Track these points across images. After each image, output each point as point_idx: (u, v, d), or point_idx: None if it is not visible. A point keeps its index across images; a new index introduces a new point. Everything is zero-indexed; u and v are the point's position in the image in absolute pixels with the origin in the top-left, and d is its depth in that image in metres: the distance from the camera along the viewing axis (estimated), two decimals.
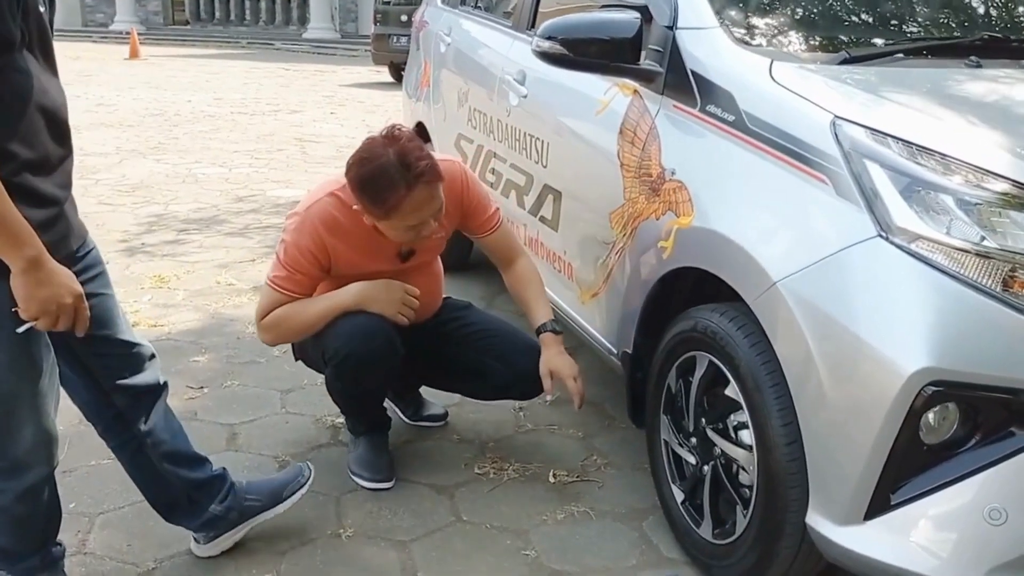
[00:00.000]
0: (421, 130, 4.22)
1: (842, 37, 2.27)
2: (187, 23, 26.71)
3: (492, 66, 3.34)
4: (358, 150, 2.13)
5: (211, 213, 5.45)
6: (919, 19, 2.46)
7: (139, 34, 19.33)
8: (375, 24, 14.79)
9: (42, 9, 1.50)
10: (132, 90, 12.16)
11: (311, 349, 2.36)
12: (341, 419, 2.73)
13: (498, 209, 2.45)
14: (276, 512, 2.12)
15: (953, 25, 2.44)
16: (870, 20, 2.40)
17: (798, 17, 2.35)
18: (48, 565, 1.83)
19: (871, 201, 1.63)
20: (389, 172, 2.04)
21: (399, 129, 2.13)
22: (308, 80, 14.47)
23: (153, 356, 1.89)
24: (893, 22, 2.42)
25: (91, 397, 1.84)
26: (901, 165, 1.64)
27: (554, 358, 2.33)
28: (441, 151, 3.70)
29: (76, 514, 2.24)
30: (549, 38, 2.27)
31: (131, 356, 1.82)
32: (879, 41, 2.27)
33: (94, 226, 4.57)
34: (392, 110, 10.79)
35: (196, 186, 6.21)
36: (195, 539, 2.09)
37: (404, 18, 14.09)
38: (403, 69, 15.44)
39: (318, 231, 2.20)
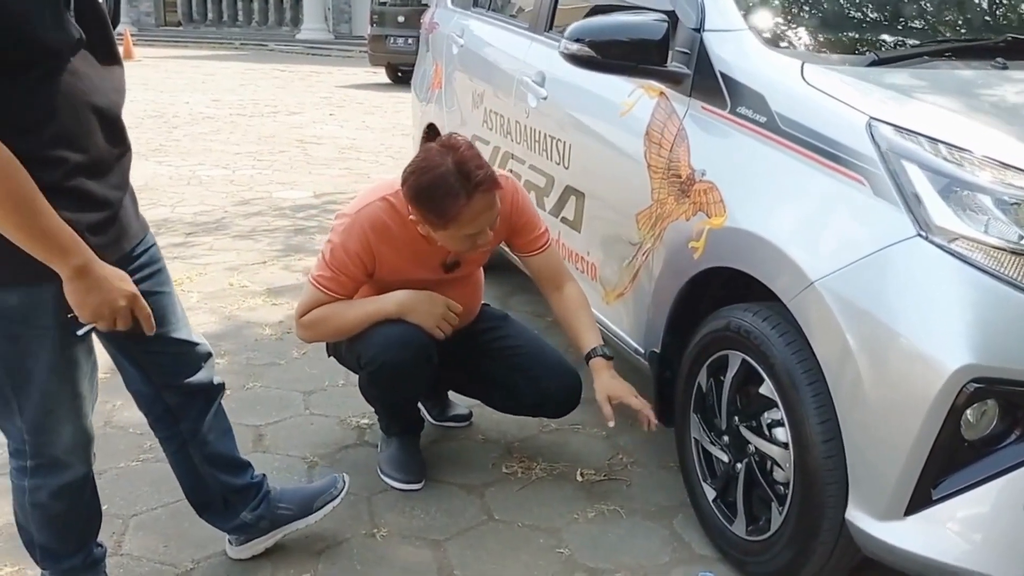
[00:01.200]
0: (433, 132, 4.23)
1: (869, 39, 2.29)
2: (179, 24, 26.62)
3: (509, 68, 3.35)
4: (414, 160, 2.13)
5: (218, 215, 5.45)
6: (944, 21, 2.48)
7: (131, 35, 19.28)
8: (372, 25, 14.78)
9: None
10: (128, 91, 11.94)
11: (345, 350, 2.38)
12: (366, 420, 2.76)
13: (547, 230, 2.44)
14: (307, 523, 2.12)
15: (974, 26, 2.46)
16: (896, 22, 2.43)
17: (825, 19, 2.37)
18: (90, 566, 1.85)
19: (910, 201, 1.65)
20: (448, 181, 2.03)
21: (456, 137, 2.13)
22: (304, 81, 14.45)
23: (210, 355, 1.89)
24: (918, 24, 2.45)
25: (144, 389, 1.85)
26: (938, 165, 1.66)
27: (609, 382, 2.31)
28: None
29: (109, 516, 2.22)
30: (577, 40, 2.28)
31: (185, 355, 1.82)
32: (906, 43, 2.29)
33: None
34: (391, 111, 10.81)
35: (201, 188, 6.21)
36: (229, 540, 2.10)
37: (401, 19, 14.13)
38: (400, 70, 15.49)
39: (367, 235, 2.20)
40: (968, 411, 1.58)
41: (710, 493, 2.18)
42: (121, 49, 1.66)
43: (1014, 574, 1.57)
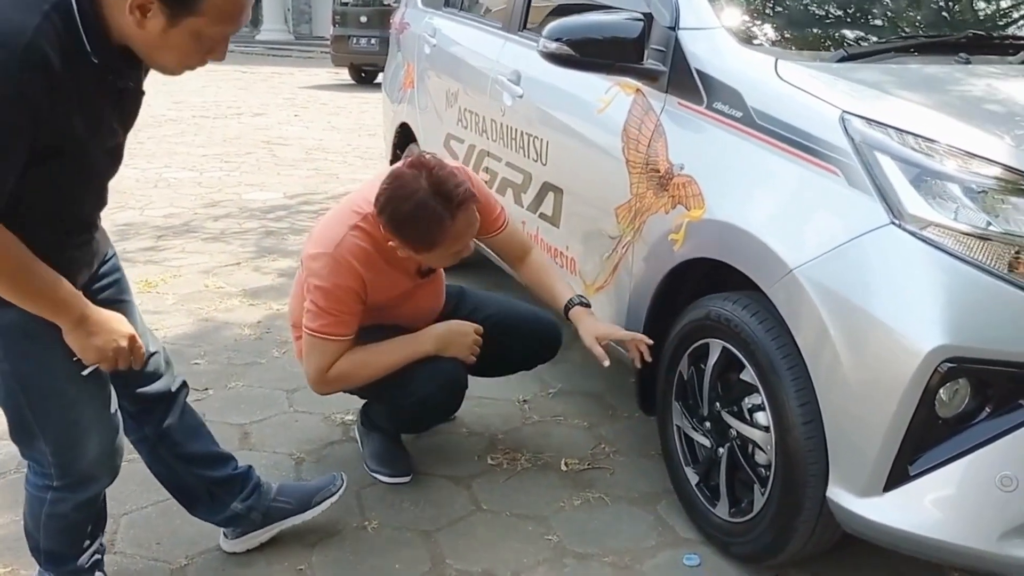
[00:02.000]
0: (405, 131, 4.26)
1: (838, 36, 2.37)
2: None
3: (483, 67, 3.39)
4: (387, 186, 2.06)
5: (187, 218, 5.43)
6: (909, 18, 2.57)
7: None
8: (334, 25, 14.73)
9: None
10: None
11: (358, 388, 2.39)
12: (350, 416, 2.78)
13: (503, 208, 2.49)
14: (304, 518, 2.14)
15: (938, 23, 2.56)
16: (864, 20, 2.51)
17: (796, 17, 2.45)
18: (92, 567, 1.87)
19: (883, 190, 1.72)
20: (430, 206, 2.01)
21: (424, 156, 2.09)
22: (266, 82, 14.37)
23: (168, 364, 1.92)
24: (885, 21, 2.54)
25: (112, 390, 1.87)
26: (909, 156, 1.74)
27: (593, 324, 2.34)
28: (431, 151, 3.74)
29: None
30: (556, 39, 2.33)
31: (144, 364, 1.80)
32: (873, 39, 2.38)
33: None
34: (356, 111, 10.80)
35: (169, 191, 6.18)
36: (224, 533, 2.12)
37: (363, 19, 14.09)
38: (363, 71, 15.38)
39: (354, 267, 2.15)
40: (942, 390, 1.65)
41: (693, 478, 2.24)
42: None
43: (986, 543, 1.64)
